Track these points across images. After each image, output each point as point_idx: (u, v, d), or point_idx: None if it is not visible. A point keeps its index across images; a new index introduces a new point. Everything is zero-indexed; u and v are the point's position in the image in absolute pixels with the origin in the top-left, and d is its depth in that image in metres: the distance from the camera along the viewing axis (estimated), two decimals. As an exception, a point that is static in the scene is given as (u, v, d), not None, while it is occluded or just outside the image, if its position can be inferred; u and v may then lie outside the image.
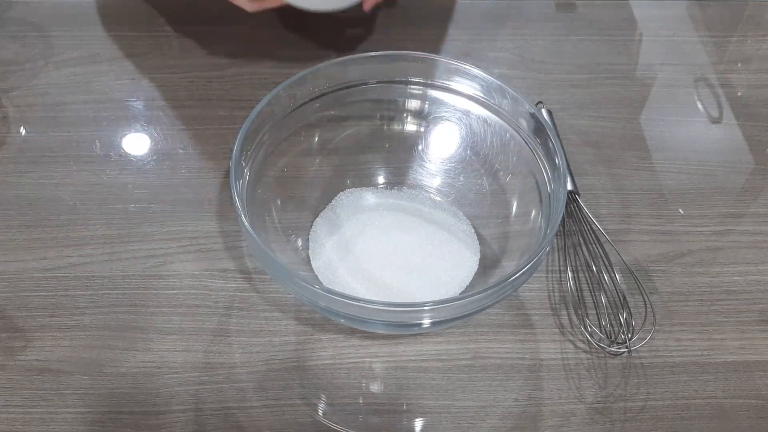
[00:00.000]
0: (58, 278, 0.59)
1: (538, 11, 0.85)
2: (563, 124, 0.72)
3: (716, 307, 0.59)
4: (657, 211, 0.66)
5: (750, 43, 0.83)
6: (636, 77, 0.78)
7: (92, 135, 0.70)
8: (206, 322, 0.57)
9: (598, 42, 0.81)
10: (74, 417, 0.52)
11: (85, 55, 0.77)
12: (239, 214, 0.52)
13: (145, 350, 0.55)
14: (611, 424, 0.53)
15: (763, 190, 0.68)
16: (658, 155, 0.70)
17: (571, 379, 0.55)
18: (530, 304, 0.59)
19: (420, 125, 0.66)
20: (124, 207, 0.64)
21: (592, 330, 0.57)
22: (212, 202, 0.65)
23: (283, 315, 0.58)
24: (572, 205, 0.63)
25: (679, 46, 0.82)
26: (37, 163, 0.67)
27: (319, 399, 0.54)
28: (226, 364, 0.55)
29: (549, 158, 0.57)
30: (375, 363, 0.56)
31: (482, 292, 0.49)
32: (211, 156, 0.68)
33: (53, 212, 0.64)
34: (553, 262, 0.61)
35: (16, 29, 0.79)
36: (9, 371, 0.54)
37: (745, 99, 0.76)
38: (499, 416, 0.53)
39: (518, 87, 0.74)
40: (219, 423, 0.52)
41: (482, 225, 0.62)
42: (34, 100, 0.73)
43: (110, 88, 0.74)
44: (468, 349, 0.56)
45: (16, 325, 0.57)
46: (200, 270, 0.60)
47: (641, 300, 0.58)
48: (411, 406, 0.54)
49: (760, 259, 0.63)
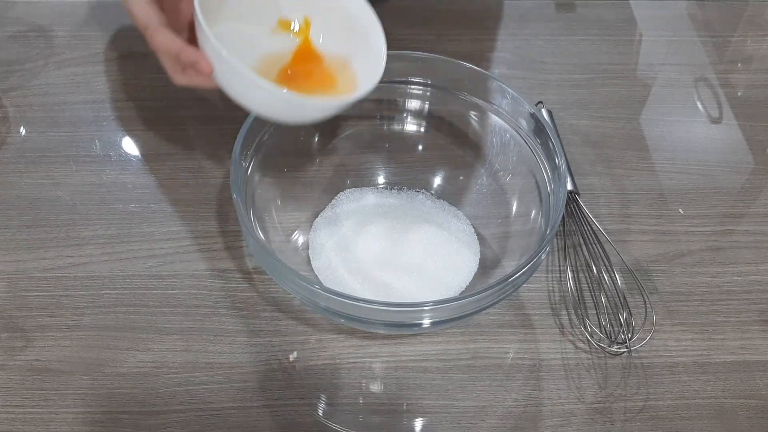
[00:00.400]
0: (58, 278, 0.59)
1: (538, 11, 0.85)
2: (563, 124, 0.72)
3: (716, 307, 0.59)
4: (657, 211, 0.66)
5: (750, 43, 0.83)
6: (636, 77, 0.78)
7: (92, 135, 0.70)
8: (206, 322, 0.57)
9: (598, 42, 0.81)
10: (74, 417, 0.52)
11: (85, 55, 0.77)
12: (239, 214, 0.52)
13: (145, 350, 0.55)
14: (611, 424, 0.53)
15: (763, 190, 0.68)
16: (658, 155, 0.70)
17: (571, 379, 0.55)
18: (530, 304, 0.59)
19: (420, 125, 0.66)
20: (124, 207, 0.64)
21: (592, 330, 0.57)
22: (212, 202, 0.65)
23: (283, 315, 0.58)
24: (572, 205, 0.63)
25: (679, 46, 0.82)
26: (37, 163, 0.67)
27: (319, 399, 0.54)
28: (226, 364, 0.55)
29: (549, 158, 0.57)
30: (375, 363, 0.55)
31: (482, 292, 0.49)
32: (211, 156, 0.68)
33: (53, 212, 0.64)
34: (553, 262, 0.61)
35: (16, 29, 0.79)
36: (9, 371, 0.54)
37: (745, 99, 0.76)
38: (499, 416, 0.53)
39: (518, 87, 0.74)
40: (219, 423, 0.52)
41: (482, 225, 0.62)
42: (34, 100, 0.73)
43: (110, 88, 0.74)
44: (468, 349, 0.56)
45: (16, 325, 0.57)
46: (200, 270, 0.60)
47: (641, 300, 0.58)
48: (411, 406, 0.54)
49: (760, 259, 0.63)
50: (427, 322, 0.51)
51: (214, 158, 0.68)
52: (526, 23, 0.83)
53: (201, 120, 0.71)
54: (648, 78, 0.78)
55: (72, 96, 0.73)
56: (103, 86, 0.74)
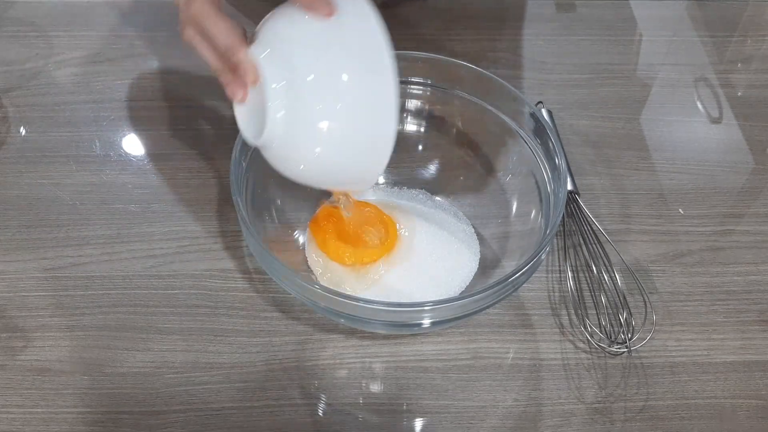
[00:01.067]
0: (58, 278, 0.59)
1: (538, 11, 0.85)
2: (563, 124, 0.72)
3: (716, 307, 0.59)
4: (657, 211, 0.66)
5: (750, 43, 0.83)
6: (636, 77, 0.78)
7: (92, 135, 0.70)
8: (206, 322, 0.57)
9: (598, 42, 0.81)
10: (74, 417, 0.52)
11: (85, 55, 0.77)
12: (239, 214, 0.52)
13: (145, 350, 0.55)
14: (611, 424, 0.53)
15: (763, 190, 0.68)
16: (658, 155, 0.70)
17: (571, 379, 0.55)
18: (530, 304, 0.59)
19: (420, 125, 0.66)
20: (124, 207, 0.64)
21: (592, 330, 0.57)
22: (212, 202, 0.65)
23: (283, 315, 0.58)
24: (572, 205, 0.63)
25: (679, 46, 0.82)
26: (37, 163, 0.67)
27: (319, 399, 0.54)
28: (226, 364, 0.55)
29: (549, 158, 0.57)
30: (375, 363, 0.55)
31: (482, 292, 0.49)
32: (211, 156, 0.68)
33: (53, 212, 0.64)
34: (553, 262, 0.61)
35: (16, 29, 0.79)
36: (9, 371, 0.54)
37: (745, 99, 0.76)
38: (499, 416, 0.53)
39: (518, 87, 0.74)
40: (219, 423, 0.52)
41: (482, 225, 0.62)
42: (34, 100, 0.73)
43: (110, 88, 0.74)
44: (468, 349, 0.56)
45: (16, 325, 0.57)
46: (200, 270, 0.60)
47: (641, 300, 0.58)
48: (411, 406, 0.54)
49: (760, 259, 0.63)
50: (427, 322, 0.51)
51: (214, 158, 0.68)
52: (526, 23, 0.83)
53: (201, 120, 0.71)
54: (648, 78, 0.78)
55: (72, 96, 0.73)
56: (103, 86, 0.74)
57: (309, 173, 0.50)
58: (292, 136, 0.47)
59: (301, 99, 0.45)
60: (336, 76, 0.45)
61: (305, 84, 0.45)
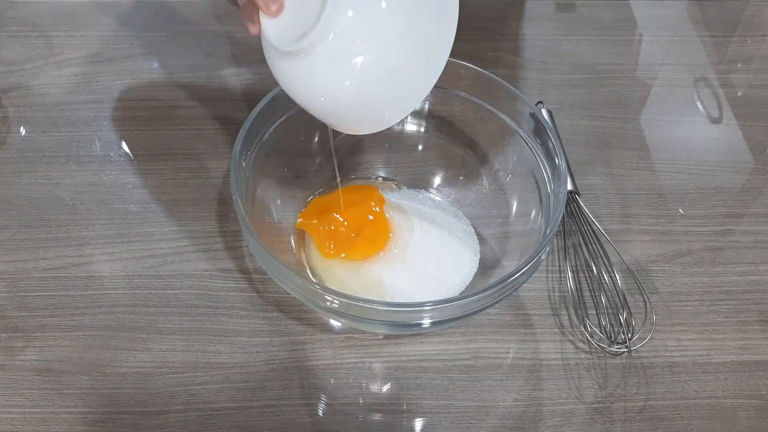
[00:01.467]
0: (58, 278, 0.59)
1: (538, 11, 0.85)
2: (563, 124, 0.72)
3: (716, 307, 0.59)
4: (657, 211, 0.66)
5: (750, 43, 0.83)
6: (636, 77, 0.78)
7: (92, 135, 0.70)
8: (206, 322, 0.57)
9: (598, 42, 0.81)
10: (74, 417, 0.52)
11: (85, 55, 0.77)
12: (239, 214, 0.52)
13: (145, 350, 0.55)
14: (611, 424, 0.53)
15: (763, 190, 0.68)
16: (658, 155, 0.70)
17: (571, 379, 0.55)
18: (530, 304, 0.59)
19: (420, 125, 0.66)
20: (124, 207, 0.64)
21: (592, 330, 0.57)
22: (212, 202, 0.65)
23: (283, 315, 0.58)
24: (572, 205, 0.63)
25: (679, 46, 0.82)
26: (37, 163, 0.67)
27: (319, 399, 0.54)
28: (226, 364, 0.55)
29: (549, 158, 0.57)
30: (375, 363, 0.55)
31: (482, 292, 0.49)
32: (211, 156, 0.68)
33: (53, 212, 0.64)
34: (553, 262, 0.61)
35: (16, 29, 0.79)
36: (9, 371, 0.54)
37: (745, 99, 0.76)
38: (499, 416, 0.53)
39: (518, 87, 0.74)
40: (219, 423, 0.52)
41: (482, 225, 0.62)
42: (34, 100, 0.73)
43: (110, 88, 0.74)
44: (468, 349, 0.56)
45: (16, 325, 0.57)
46: (200, 270, 0.60)
47: (641, 300, 0.58)
48: (411, 406, 0.54)
49: (760, 259, 0.63)
50: (428, 322, 0.51)
51: (214, 158, 0.68)
52: (526, 23, 0.83)
53: (201, 120, 0.71)
54: (648, 78, 0.78)
55: (72, 96, 0.73)
56: (103, 86, 0.74)
57: (351, 91, 0.40)
58: (350, 30, 0.37)
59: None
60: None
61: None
